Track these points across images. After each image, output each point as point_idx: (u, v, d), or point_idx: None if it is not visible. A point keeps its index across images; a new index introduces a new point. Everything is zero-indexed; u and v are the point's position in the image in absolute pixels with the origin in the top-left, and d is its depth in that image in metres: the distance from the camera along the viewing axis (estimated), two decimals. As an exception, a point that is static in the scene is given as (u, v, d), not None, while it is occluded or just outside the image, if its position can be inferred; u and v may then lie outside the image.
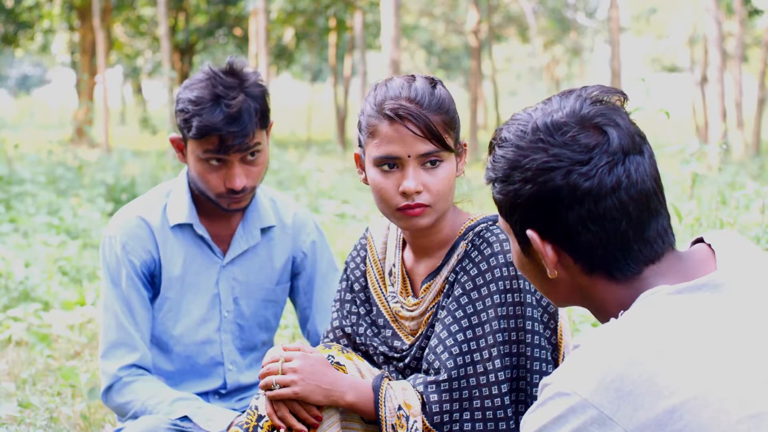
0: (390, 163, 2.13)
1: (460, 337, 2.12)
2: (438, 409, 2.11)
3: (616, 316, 1.45)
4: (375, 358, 2.31)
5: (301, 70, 34.47)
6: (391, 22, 13.35)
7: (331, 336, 2.38)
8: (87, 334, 4.80)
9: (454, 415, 2.11)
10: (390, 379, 2.18)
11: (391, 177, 2.14)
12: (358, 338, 2.34)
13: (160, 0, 16.56)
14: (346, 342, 2.36)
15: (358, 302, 2.37)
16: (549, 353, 2.13)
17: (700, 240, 1.55)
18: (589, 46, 35.73)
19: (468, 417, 2.11)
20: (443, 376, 2.11)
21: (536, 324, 2.12)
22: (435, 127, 2.11)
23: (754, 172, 13.47)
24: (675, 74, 35.90)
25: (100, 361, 2.73)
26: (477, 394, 2.10)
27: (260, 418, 2.15)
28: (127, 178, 10.18)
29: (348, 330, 2.36)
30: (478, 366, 2.11)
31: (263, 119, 2.64)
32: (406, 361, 2.26)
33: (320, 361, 2.14)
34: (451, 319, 2.14)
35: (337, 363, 2.19)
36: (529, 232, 1.49)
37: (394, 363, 2.28)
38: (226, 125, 2.55)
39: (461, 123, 2.23)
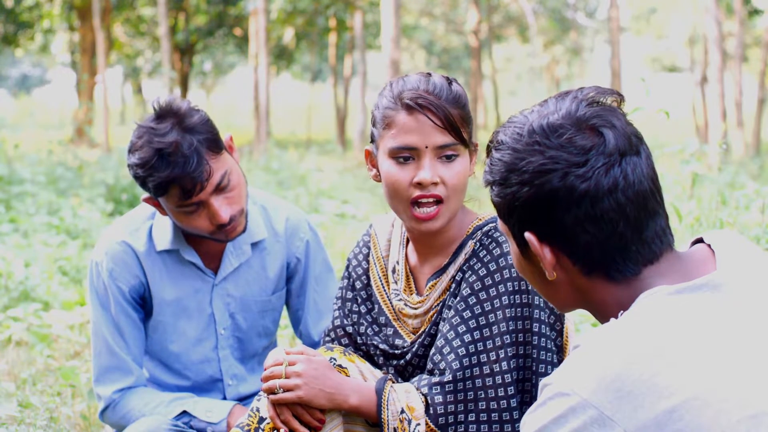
0: (406, 155, 2.12)
1: (467, 337, 2.11)
2: (443, 411, 2.10)
3: (616, 317, 1.45)
4: (375, 357, 2.31)
5: (301, 70, 34.45)
6: (391, 22, 13.35)
7: (332, 335, 2.38)
8: (87, 334, 4.80)
9: (459, 416, 2.09)
10: (393, 382, 2.17)
11: (405, 169, 2.13)
12: (359, 338, 2.34)
13: (160, 0, 16.57)
14: (347, 341, 2.35)
15: (360, 300, 2.36)
16: (555, 355, 2.12)
17: (700, 240, 1.55)
18: (589, 46, 35.73)
19: (473, 418, 2.09)
20: (448, 377, 2.10)
21: (543, 326, 2.11)
22: (453, 118, 2.11)
23: (754, 172, 13.47)
24: (675, 74, 35.90)
25: (94, 386, 2.72)
26: (483, 395, 2.09)
27: (261, 420, 2.15)
28: (127, 178, 10.16)
29: (349, 329, 2.35)
30: (485, 367, 2.10)
31: (213, 145, 2.53)
32: (407, 358, 2.24)
33: (323, 364, 2.13)
34: (459, 319, 2.13)
35: (339, 365, 2.18)
36: (527, 235, 1.49)
37: (395, 361, 2.28)
38: (178, 174, 2.46)
39: None
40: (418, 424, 2.09)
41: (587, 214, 1.44)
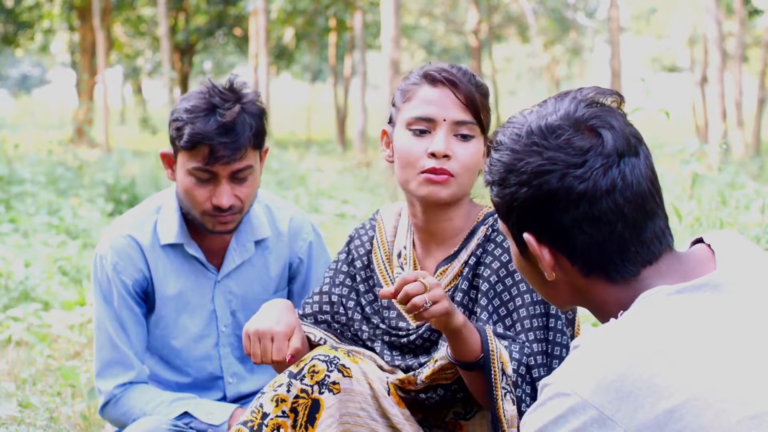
0: (423, 128, 2.16)
1: (504, 323, 2.15)
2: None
3: (616, 317, 1.45)
4: (359, 333, 2.32)
5: (301, 70, 34.45)
6: (391, 22, 13.36)
7: (315, 299, 2.40)
8: (87, 334, 4.80)
9: (526, 398, 2.11)
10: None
11: (421, 140, 2.17)
12: (342, 308, 2.35)
13: (160, 0, 16.57)
14: (327, 308, 2.37)
15: (359, 279, 2.37)
16: (570, 339, 2.15)
17: (700, 240, 1.55)
18: (589, 46, 35.71)
19: (529, 401, 2.11)
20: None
21: (559, 311, 2.15)
22: (475, 98, 2.17)
23: (754, 172, 13.46)
24: (675, 74, 35.91)
25: (96, 380, 2.72)
26: (530, 378, 2.12)
27: (265, 416, 2.15)
28: (127, 178, 10.17)
29: (334, 298, 2.37)
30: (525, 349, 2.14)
31: (258, 138, 2.56)
32: (412, 338, 2.26)
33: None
34: (491, 309, 2.16)
35: (343, 365, 2.18)
36: (526, 236, 1.50)
37: (394, 339, 2.29)
38: (218, 135, 2.49)
39: None
40: (511, 379, 2.06)
41: (585, 215, 1.44)
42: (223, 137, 2.50)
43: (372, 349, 2.33)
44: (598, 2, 31.86)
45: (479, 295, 2.19)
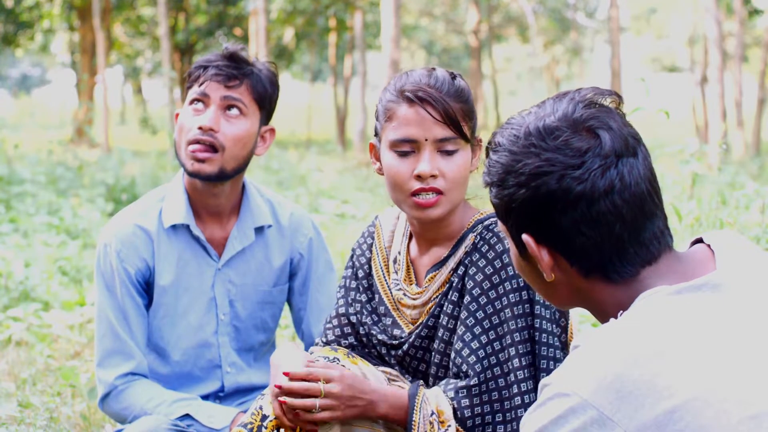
0: (406, 149, 2.15)
1: (483, 339, 2.13)
2: (470, 414, 2.11)
3: (616, 317, 1.45)
4: (378, 347, 2.31)
5: (301, 70, 34.46)
6: (391, 22, 13.36)
7: (335, 322, 2.38)
8: (87, 334, 4.80)
9: (486, 417, 2.11)
10: (424, 387, 2.18)
11: (406, 161, 2.15)
12: (361, 327, 2.34)
13: (160, 0, 16.57)
14: (349, 330, 2.36)
15: (361, 289, 2.37)
16: (559, 351, 2.13)
17: (700, 240, 1.55)
18: (589, 46, 35.73)
19: (500, 419, 2.11)
20: (474, 380, 2.12)
21: (546, 322, 2.13)
22: (454, 112, 2.14)
23: (754, 172, 13.47)
24: (675, 74, 35.92)
25: (96, 370, 2.72)
26: (506, 394, 2.11)
27: (264, 417, 2.15)
28: (127, 178, 10.17)
29: (353, 318, 2.36)
30: (504, 366, 2.12)
31: (260, 89, 2.67)
32: (405, 348, 2.26)
33: (356, 380, 2.13)
34: (473, 320, 2.14)
35: (343, 366, 2.18)
36: (525, 237, 1.50)
37: (394, 351, 2.29)
38: (219, 60, 2.64)
39: None
40: (449, 426, 2.10)
41: (583, 216, 1.44)
42: (222, 61, 2.64)
43: (392, 366, 2.32)
44: (598, 2, 31.87)
45: (463, 312, 2.17)
